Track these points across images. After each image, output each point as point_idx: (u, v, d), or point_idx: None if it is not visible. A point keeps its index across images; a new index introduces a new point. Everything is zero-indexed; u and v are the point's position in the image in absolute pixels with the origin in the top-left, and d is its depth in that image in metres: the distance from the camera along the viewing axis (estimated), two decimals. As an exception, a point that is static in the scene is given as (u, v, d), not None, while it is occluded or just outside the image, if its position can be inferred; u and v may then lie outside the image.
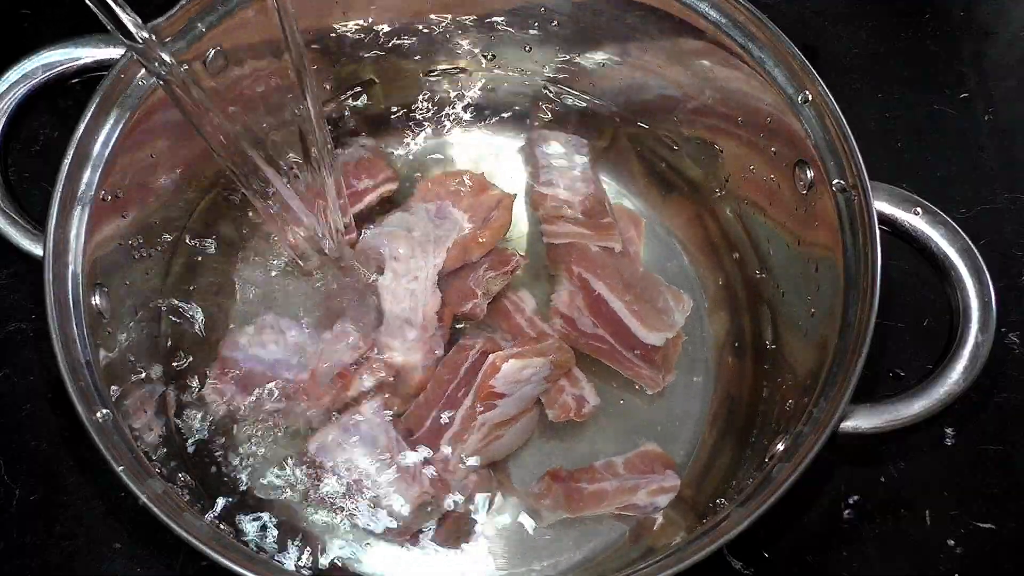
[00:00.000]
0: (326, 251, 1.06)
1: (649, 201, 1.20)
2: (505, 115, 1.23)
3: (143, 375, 1.02)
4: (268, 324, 1.08)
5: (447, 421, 1.03)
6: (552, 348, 1.05)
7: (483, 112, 1.23)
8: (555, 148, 1.19)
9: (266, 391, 1.04)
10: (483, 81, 1.23)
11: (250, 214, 1.14)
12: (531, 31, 1.17)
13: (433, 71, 1.21)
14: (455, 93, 1.23)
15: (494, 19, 1.17)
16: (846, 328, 0.93)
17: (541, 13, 1.15)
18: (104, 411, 0.90)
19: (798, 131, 0.99)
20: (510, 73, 1.22)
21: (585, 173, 1.18)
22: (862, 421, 0.90)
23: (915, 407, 0.90)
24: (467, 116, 1.23)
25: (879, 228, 0.93)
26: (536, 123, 1.22)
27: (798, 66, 0.99)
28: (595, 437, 1.07)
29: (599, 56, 1.17)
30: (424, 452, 1.03)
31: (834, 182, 0.96)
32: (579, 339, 1.09)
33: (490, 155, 1.22)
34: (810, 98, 0.98)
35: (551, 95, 1.23)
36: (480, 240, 1.11)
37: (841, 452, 1.04)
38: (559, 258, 1.14)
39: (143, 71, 0.97)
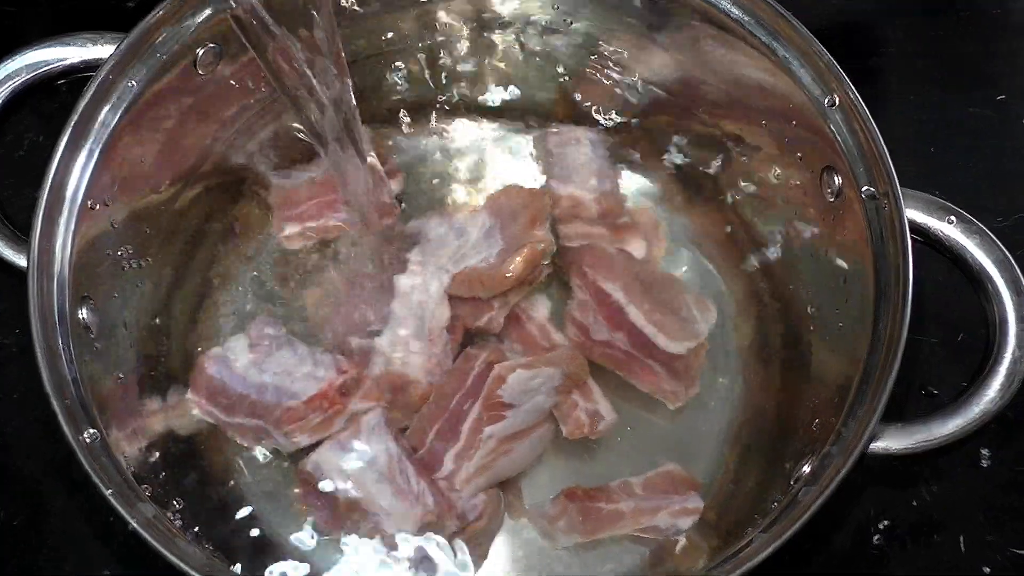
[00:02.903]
0: (363, 218, 1.08)
1: (670, 202, 1.19)
2: (517, 105, 1.23)
3: (133, 393, 1.02)
4: (257, 337, 1.08)
5: (452, 435, 1.03)
6: (563, 358, 1.06)
7: (494, 102, 1.24)
8: (570, 142, 1.19)
9: (253, 412, 1.04)
10: (495, 70, 1.24)
11: (238, 225, 1.15)
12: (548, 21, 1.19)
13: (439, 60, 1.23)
14: (463, 82, 1.24)
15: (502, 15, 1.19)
16: (876, 343, 0.93)
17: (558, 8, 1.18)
18: (92, 431, 0.89)
19: (825, 135, 1.00)
20: (524, 63, 1.23)
21: (602, 170, 1.17)
22: (893, 442, 0.90)
23: (949, 426, 0.90)
24: (477, 105, 1.23)
25: (911, 237, 0.93)
26: (551, 115, 1.23)
27: (825, 67, 0.99)
28: (612, 455, 1.07)
29: (617, 47, 1.18)
30: (428, 469, 1.03)
31: (863, 189, 0.97)
32: (594, 349, 1.09)
33: (502, 149, 1.22)
34: (838, 101, 0.99)
35: (568, 86, 1.23)
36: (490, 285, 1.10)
37: (870, 474, 1.04)
38: (573, 261, 1.13)
39: (131, 71, 0.99)
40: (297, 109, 0.97)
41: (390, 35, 1.21)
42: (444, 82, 1.24)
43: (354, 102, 0.99)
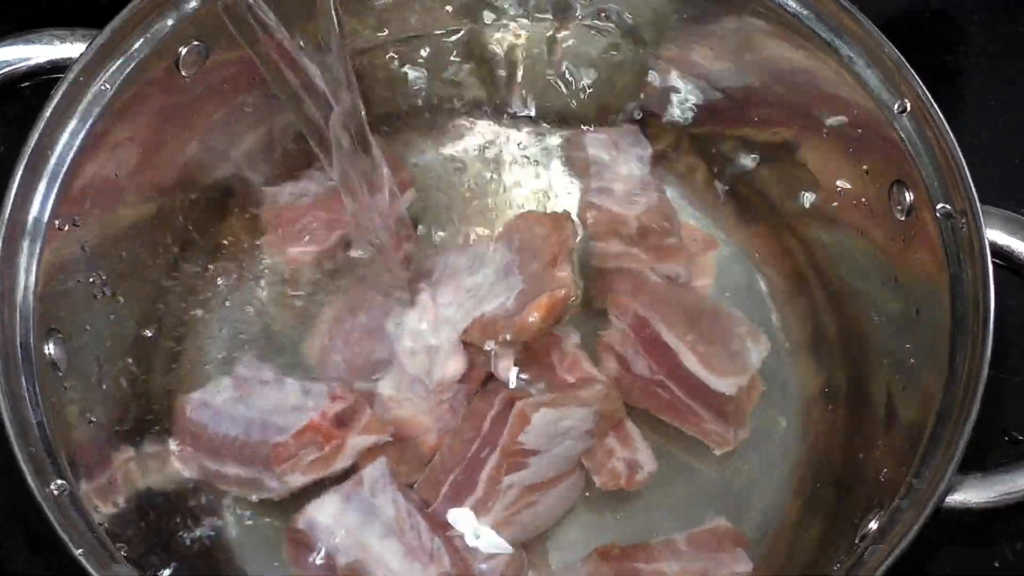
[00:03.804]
0: (374, 241, 1.05)
1: (720, 220, 1.18)
2: (548, 108, 1.21)
3: (106, 438, 0.99)
4: (244, 376, 1.05)
5: (468, 486, 1.00)
6: (597, 396, 1.02)
7: (521, 104, 1.21)
8: (610, 147, 1.16)
9: (241, 455, 1.01)
10: (523, 66, 1.20)
11: (225, 248, 1.13)
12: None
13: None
14: (486, 80, 1.21)
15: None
16: (952, 381, 0.89)
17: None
18: (60, 482, 0.86)
19: (895, 145, 0.96)
20: (557, 59, 1.20)
21: (646, 180, 1.14)
22: (972, 494, 0.87)
23: (1036, 477, 0.88)
24: (501, 106, 1.21)
25: (992, 261, 0.90)
26: (585, 120, 1.20)
27: (894, 67, 0.96)
28: (652, 508, 1.05)
29: (661, 44, 1.15)
30: (442, 525, 0.99)
31: (938, 207, 0.93)
32: (633, 386, 1.06)
33: (529, 156, 1.20)
34: (909, 106, 0.95)
35: (605, 87, 1.20)
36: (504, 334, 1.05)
37: (946, 531, 1.00)
38: (609, 285, 1.10)
39: (105, 73, 0.95)
40: (297, 110, 0.94)
41: (403, 25, 1.17)
42: (464, 80, 1.21)
43: (360, 101, 0.96)
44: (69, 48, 0.97)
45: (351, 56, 0.95)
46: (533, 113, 1.22)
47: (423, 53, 1.19)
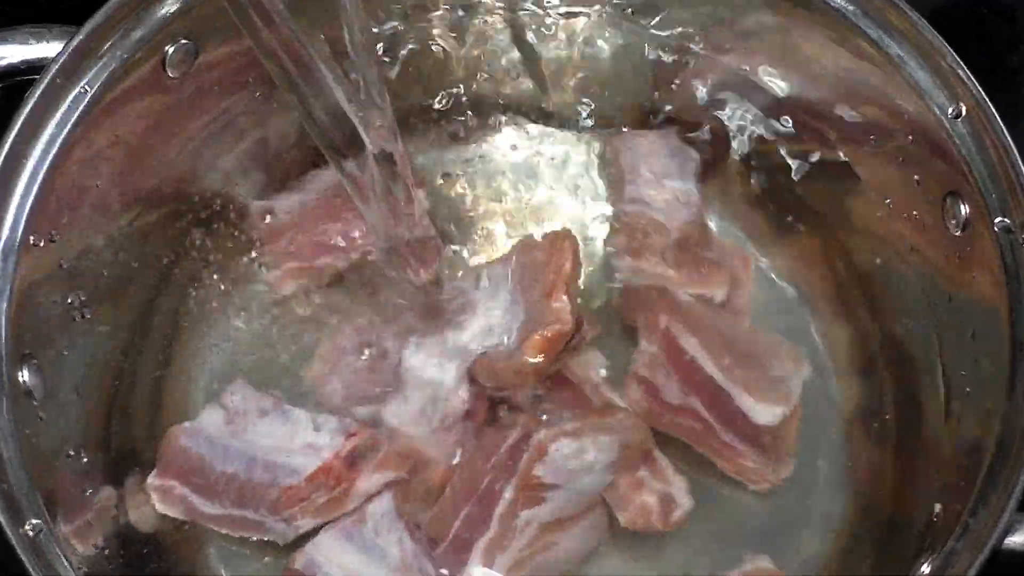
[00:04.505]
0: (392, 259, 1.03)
1: (760, 236, 1.16)
2: (576, 107, 1.19)
3: (86, 473, 0.97)
4: (238, 405, 1.03)
5: (481, 523, 0.97)
6: (621, 424, 1.00)
7: (548, 102, 1.19)
8: (648, 155, 1.14)
9: (240, 497, 0.99)
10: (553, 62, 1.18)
11: (214, 265, 1.11)
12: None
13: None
14: (509, 75, 1.18)
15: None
16: (1012, 410, 0.88)
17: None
18: (35, 522, 0.85)
19: (949, 153, 0.94)
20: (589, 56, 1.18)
21: (688, 194, 1.12)
22: None
23: (1103, 518, 0.86)
24: (525, 104, 1.19)
25: None
26: (613, 123, 1.18)
27: (948, 68, 0.94)
28: (684, 548, 1.04)
29: (696, 41, 1.13)
30: (453, 567, 0.97)
31: (996, 221, 0.91)
32: (663, 415, 1.04)
33: (554, 159, 1.18)
34: (964, 110, 0.93)
35: (636, 86, 1.18)
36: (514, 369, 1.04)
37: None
38: (640, 304, 1.08)
39: (85, 74, 0.93)
40: (304, 111, 0.91)
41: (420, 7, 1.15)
42: (487, 75, 1.19)
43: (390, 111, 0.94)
44: (45, 47, 0.94)
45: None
46: (556, 113, 1.20)
47: (439, 41, 1.17)
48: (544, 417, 1.03)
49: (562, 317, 1.01)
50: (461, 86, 1.18)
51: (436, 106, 1.18)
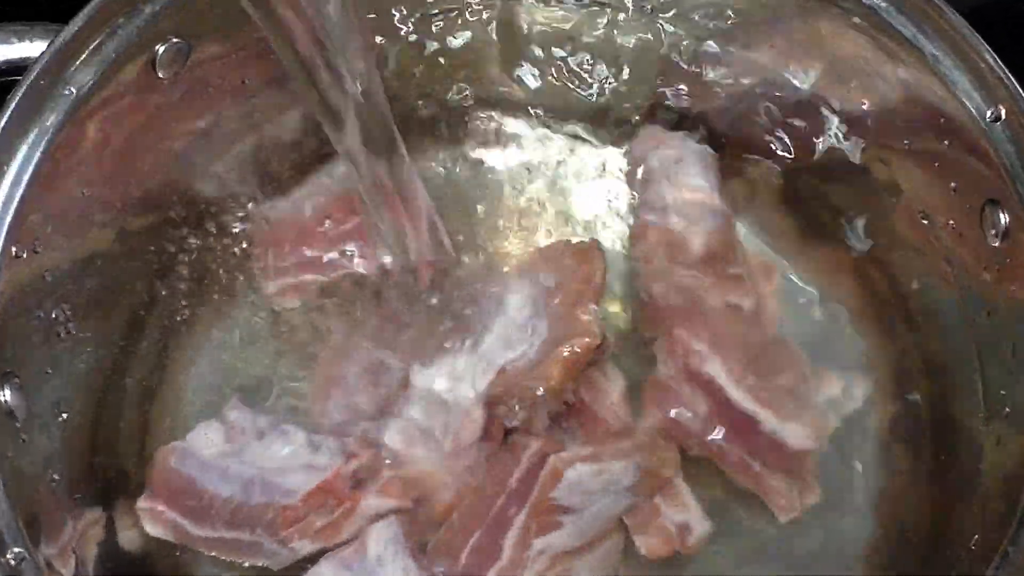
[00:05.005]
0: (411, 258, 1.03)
1: (789, 245, 1.15)
2: (593, 106, 1.17)
3: (70, 498, 0.96)
4: (234, 424, 1.02)
5: (492, 551, 0.96)
6: (641, 447, 0.99)
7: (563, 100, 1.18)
8: (672, 159, 1.12)
9: (235, 519, 0.98)
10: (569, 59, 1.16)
11: (208, 275, 1.10)
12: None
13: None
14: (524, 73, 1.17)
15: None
16: None
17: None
18: (16, 550, 0.84)
19: (988, 159, 0.93)
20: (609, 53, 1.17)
21: (713, 200, 1.10)
22: None
23: None
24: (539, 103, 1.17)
25: None
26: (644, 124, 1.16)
27: (987, 68, 0.92)
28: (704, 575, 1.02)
29: (720, 39, 1.12)
30: None
31: None
32: (685, 437, 1.02)
33: (573, 162, 1.16)
34: (1004, 113, 0.91)
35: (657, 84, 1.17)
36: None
37: None
38: (660, 318, 1.07)
39: (71, 74, 0.92)
40: (311, 92, 0.90)
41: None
42: (499, 72, 1.17)
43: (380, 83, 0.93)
44: (28, 47, 0.94)
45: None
46: (573, 114, 1.18)
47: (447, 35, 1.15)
48: (560, 439, 1.02)
49: (590, 330, 1.00)
50: (469, 85, 1.16)
51: (449, 105, 1.17)
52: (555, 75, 1.18)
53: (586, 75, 1.17)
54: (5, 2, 1.04)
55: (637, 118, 1.17)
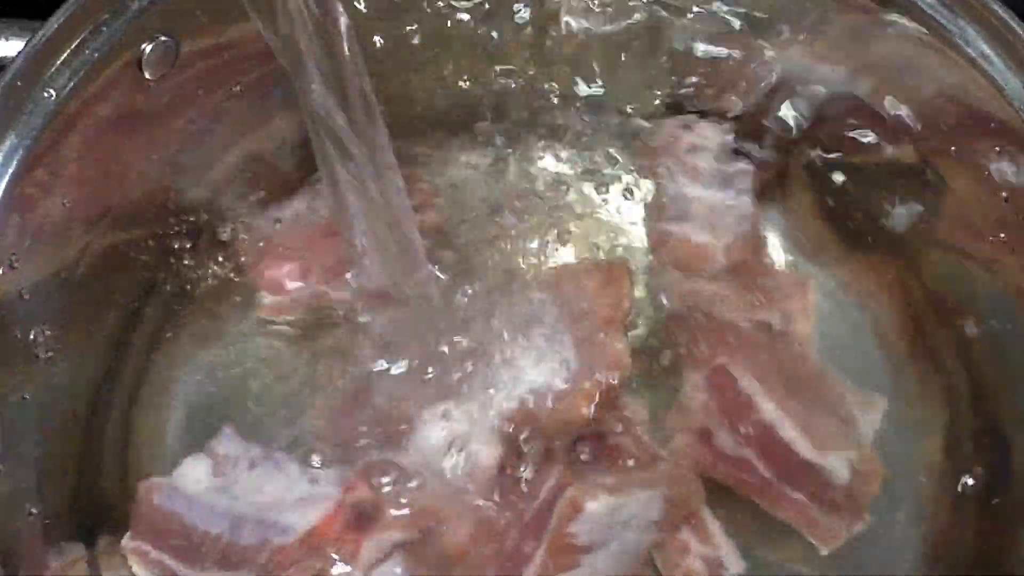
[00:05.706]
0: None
1: (827, 257, 1.14)
2: (607, 101, 1.15)
3: (50, 532, 0.94)
4: (223, 455, 1.01)
5: None
6: (667, 478, 0.97)
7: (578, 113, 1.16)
8: (694, 163, 1.11)
9: (225, 559, 0.96)
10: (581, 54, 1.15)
11: (196, 291, 1.08)
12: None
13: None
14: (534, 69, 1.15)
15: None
16: None
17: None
18: None
19: None
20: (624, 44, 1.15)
21: (743, 207, 1.09)
22: None
23: None
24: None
25: None
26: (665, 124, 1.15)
27: None
28: None
29: (745, 35, 1.10)
30: None
31: None
32: (715, 465, 1.01)
33: (587, 164, 1.15)
34: None
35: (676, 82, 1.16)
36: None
37: None
38: (687, 335, 1.05)
39: (49, 76, 0.90)
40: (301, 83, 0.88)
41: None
42: (505, 69, 1.16)
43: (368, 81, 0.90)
44: (4, 45, 0.94)
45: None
46: (585, 115, 1.16)
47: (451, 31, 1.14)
48: (580, 469, 1.00)
49: (623, 360, 1.00)
50: (477, 85, 1.15)
51: (455, 112, 1.15)
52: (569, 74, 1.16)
53: (601, 73, 1.15)
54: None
55: (660, 114, 1.15)
